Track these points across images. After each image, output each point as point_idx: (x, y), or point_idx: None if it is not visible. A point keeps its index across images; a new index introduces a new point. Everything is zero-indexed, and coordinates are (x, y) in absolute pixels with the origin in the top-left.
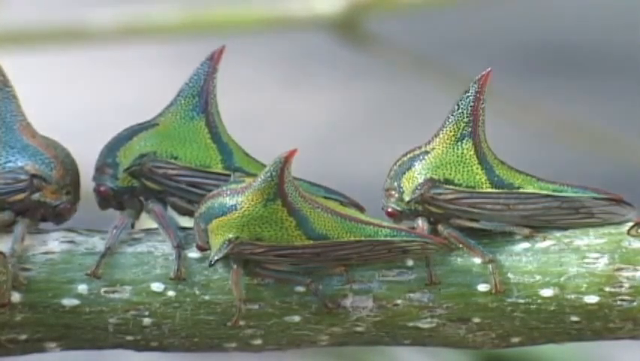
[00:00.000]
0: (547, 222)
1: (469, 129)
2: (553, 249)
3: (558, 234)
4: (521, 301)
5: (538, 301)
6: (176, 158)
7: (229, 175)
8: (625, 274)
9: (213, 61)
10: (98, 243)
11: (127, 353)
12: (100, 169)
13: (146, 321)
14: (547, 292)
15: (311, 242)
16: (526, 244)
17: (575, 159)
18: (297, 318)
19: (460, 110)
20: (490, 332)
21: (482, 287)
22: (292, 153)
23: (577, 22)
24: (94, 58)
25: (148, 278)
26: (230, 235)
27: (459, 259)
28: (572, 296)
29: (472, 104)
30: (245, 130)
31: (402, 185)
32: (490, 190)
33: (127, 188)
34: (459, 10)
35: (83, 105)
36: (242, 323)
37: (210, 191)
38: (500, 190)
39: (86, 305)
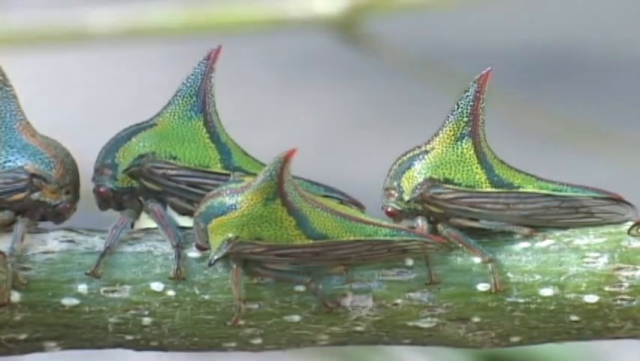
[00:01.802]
0: (547, 221)
1: (469, 129)
2: (553, 248)
3: (558, 233)
4: (521, 300)
5: (538, 300)
6: (175, 158)
7: (228, 175)
8: (624, 273)
9: (210, 60)
10: (98, 242)
11: (119, 352)
12: (99, 170)
13: (146, 320)
14: (546, 292)
15: (310, 241)
16: (525, 244)
17: (575, 159)
18: (296, 317)
19: (459, 110)
20: (490, 332)
21: (482, 287)
22: (292, 153)
23: (577, 23)
24: (93, 58)
25: (147, 278)
26: (230, 235)
27: (459, 259)
28: (572, 296)
29: (471, 103)
30: (245, 130)
31: (402, 184)
32: (489, 190)
33: (126, 189)
34: (458, 11)
35: (83, 105)
36: (241, 322)
37: (210, 191)
38: (500, 190)
39: (85, 305)
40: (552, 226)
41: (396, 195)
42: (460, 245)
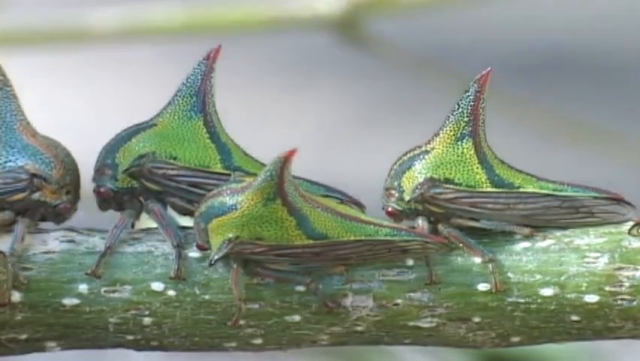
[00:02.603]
0: (548, 221)
1: (470, 129)
2: (554, 248)
3: (558, 233)
4: (521, 300)
5: (539, 300)
6: (175, 158)
7: (229, 175)
8: (625, 273)
9: (210, 60)
10: (98, 242)
11: (118, 353)
12: (99, 170)
13: (147, 320)
14: (547, 292)
15: (311, 242)
16: (526, 244)
17: (575, 159)
18: (297, 317)
19: (460, 110)
20: (490, 332)
21: (482, 287)
22: (292, 153)
23: (576, 23)
24: (94, 58)
25: (148, 278)
26: (231, 235)
27: (459, 259)
28: (572, 295)
29: (472, 103)
30: (245, 130)
31: (402, 184)
32: (490, 190)
33: (127, 189)
34: (459, 10)
35: (83, 105)
36: (242, 322)
37: (210, 191)
38: (500, 190)
39: (86, 305)
40: (552, 226)
41: (396, 195)
42: (461, 245)
